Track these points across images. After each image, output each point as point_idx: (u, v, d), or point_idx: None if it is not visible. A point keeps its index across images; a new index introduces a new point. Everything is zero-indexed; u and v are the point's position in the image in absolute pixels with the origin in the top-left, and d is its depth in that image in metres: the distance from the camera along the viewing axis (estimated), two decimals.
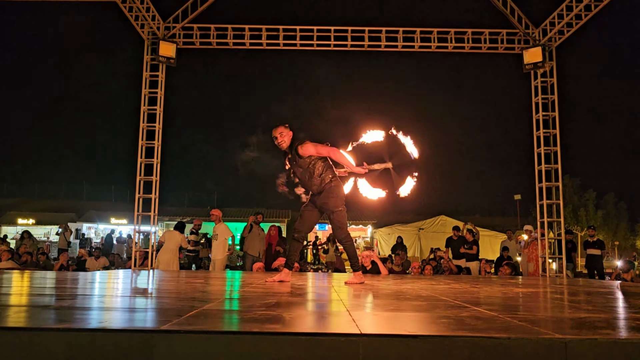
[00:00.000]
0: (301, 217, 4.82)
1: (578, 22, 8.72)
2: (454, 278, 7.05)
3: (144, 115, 8.85)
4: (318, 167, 4.60)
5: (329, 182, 4.61)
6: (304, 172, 4.63)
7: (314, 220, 4.84)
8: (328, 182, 4.61)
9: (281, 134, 4.65)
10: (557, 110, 8.91)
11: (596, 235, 11.63)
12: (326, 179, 4.60)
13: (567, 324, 2.22)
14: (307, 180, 4.66)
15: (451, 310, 2.58)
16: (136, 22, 8.83)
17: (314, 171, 4.59)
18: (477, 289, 4.43)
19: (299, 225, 4.81)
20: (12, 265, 8.53)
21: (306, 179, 4.65)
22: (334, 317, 2.36)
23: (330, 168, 4.68)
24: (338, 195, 4.65)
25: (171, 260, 8.73)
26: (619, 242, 36.15)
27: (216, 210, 9.16)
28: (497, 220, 26.97)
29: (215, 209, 9.22)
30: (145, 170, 8.76)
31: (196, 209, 28.15)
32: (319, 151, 4.60)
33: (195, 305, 2.64)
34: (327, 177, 4.61)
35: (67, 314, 2.20)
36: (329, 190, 4.60)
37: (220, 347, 1.71)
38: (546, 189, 8.84)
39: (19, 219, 25.49)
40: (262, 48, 9.30)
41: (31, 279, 5.04)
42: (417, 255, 19.24)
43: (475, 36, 9.23)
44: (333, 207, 4.62)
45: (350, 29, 9.21)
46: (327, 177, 4.61)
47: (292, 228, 5.01)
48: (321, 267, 13.62)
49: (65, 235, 16.30)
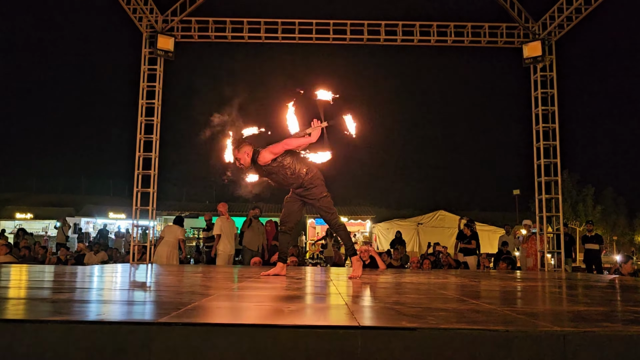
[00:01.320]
0: (285, 208, 4.79)
1: (578, 16, 8.69)
2: (453, 272, 7.06)
3: (142, 108, 8.82)
4: (288, 165, 4.53)
5: (305, 175, 4.57)
6: (277, 176, 4.60)
7: (297, 210, 4.80)
8: (304, 175, 4.57)
9: (238, 160, 4.58)
10: (557, 105, 8.90)
11: (594, 230, 11.66)
12: (301, 173, 4.56)
13: (566, 317, 2.22)
14: (284, 182, 4.63)
15: (450, 304, 2.58)
16: (134, 15, 8.78)
17: (286, 172, 4.54)
18: (476, 283, 4.43)
19: (284, 218, 4.80)
20: (11, 260, 8.52)
21: (282, 180, 4.62)
22: (332, 310, 2.36)
23: (299, 160, 4.60)
24: (318, 183, 4.62)
25: (171, 254, 8.74)
26: (617, 237, 36.24)
27: (220, 205, 9.21)
28: (496, 215, 27.02)
29: (221, 203, 9.28)
30: (144, 164, 8.74)
31: (195, 203, 28.14)
32: (276, 152, 4.52)
33: (193, 298, 2.64)
34: (302, 171, 4.56)
35: (65, 307, 2.20)
36: (308, 181, 4.58)
37: (218, 339, 1.71)
38: (545, 184, 8.83)
39: (16, 214, 25.47)
40: (261, 42, 9.26)
41: (29, 273, 5.03)
42: (415, 250, 19.25)
43: (475, 30, 9.20)
44: (318, 195, 4.60)
45: (349, 22, 9.17)
46: (302, 170, 4.56)
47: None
48: (320, 262, 13.64)
49: (63, 230, 16.29)
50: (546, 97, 8.99)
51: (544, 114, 8.97)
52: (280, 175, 4.58)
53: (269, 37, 9.20)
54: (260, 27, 9.17)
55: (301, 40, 9.18)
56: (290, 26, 9.15)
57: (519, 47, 9.07)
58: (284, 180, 4.61)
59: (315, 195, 4.60)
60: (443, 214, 21.25)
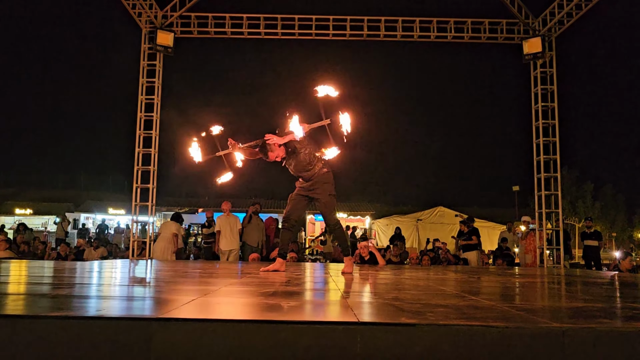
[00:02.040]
0: (290, 205, 4.82)
1: (578, 12, 8.67)
2: (452, 269, 7.07)
3: (141, 104, 8.81)
4: (303, 156, 4.61)
5: (320, 169, 4.65)
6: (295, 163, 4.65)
7: (302, 207, 4.86)
8: (319, 169, 4.64)
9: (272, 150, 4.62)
10: (557, 101, 8.89)
11: (593, 227, 11.67)
12: (317, 167, 4.63)
13: (565, 313, 2.22)
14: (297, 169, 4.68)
15: (449, 300, 2.58)
16: (133, 10, 8.75)
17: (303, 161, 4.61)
18: (475, 280, 4.44)
19: (288, 214, 4.82)
20: (10, 255, 8.53)
21: (298, 169, 4.67)
22: (332, 306, 2.36)
23: (315, 156, 4.66)
24: (330, 180, 4.70)
25: (166, 248, 8.83)
26: (616, 234, 36.30)
27: (223, 203, 9.43)
28: (496, 212, 26.99)
29: (224, 202, 9.49)
30: (143, 160, 8.74)
31: (194, 199, 28.12)
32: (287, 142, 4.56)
33: (192, 294, 2.64)
34: (318, 165, 4.64)
35: (65, 302, 2.20)
36: (322, 176, 4.65)
37: (218, 335, 1.71)
38: (544, 180, 8.84)
39: (16, 209, 25.47)
40: (260, 38, 9.24)
41: (29, 268, 5.04)
42: (415, 246, 19.28)
43: (475, 26, 9.19)
44: (327, 192, 4.68)
45: (349, 18, 9.15)
46: (318, 165, 4.64)
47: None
48: (319, 258, 13.66)
49: (62, 226, 16.30)
50: (546, 93, 8.97)
51: (543, 110, 8.96)
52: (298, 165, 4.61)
53: (269, 33, 9.18)
54: (259, 22, 9.15)
55: (301, 36, 9.16)
56: (289, 22, 9.13)
57: (519, 43, 9.05)
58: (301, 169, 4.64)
59: (325, 191, 4.67)
60: (442, 210, 21.26)
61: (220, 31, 9.16)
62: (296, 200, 4.79)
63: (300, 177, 4.76)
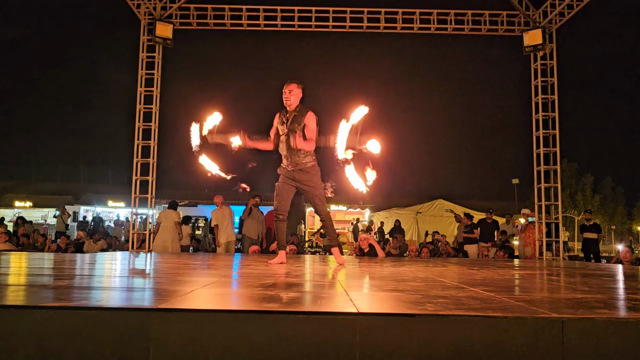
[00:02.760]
0: (279, 195, 4.77)
1: (579, 3, 8.62)
2: (452, 261, 7.09)
3: (140, 97, 8.78)
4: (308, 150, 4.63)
5: (311, 162, 4.66)
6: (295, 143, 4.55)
7: (290, 197, 4.84)
8: (310, 162, 4.66)
9: (290, 92, 4.57)
10: (557, 93, 8.86)
11: (593, 219, 11.68)
12: (309, 156, 4.63)
13: (564, 304, 2.23)
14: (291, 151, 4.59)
15: (448, 291, 2.59)
16: (132, 2, 8.71)
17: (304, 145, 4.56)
18: (474, 271, 4.45)
19: (280, 206, 4.77)
20: (10, 247, 8.54)
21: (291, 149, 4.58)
22: (331, 297, 2.37)
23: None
24: (319, 172, 4.75)
25: (171, 238, 8.83)
26: (615, 227, 36.39)
27: (215, 197, 9.48)
28: (495, 204, 27.01)
29: (216, 195, 9.51)
30: (143, 153, 8.72)
31: (194, 191, 28.12)
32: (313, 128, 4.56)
33: (192, 285, 2.65)
34: (311, 158, 4.65)
35: (65, 293, 2.20)
36: (313, 167, 4.67)
37: (217, 325, 1.71)
38: (544, 173, 8.83)
39: (16, 202, 25.48)
40: (260, 29, 9.20)
41: (29, 260, 5.04)
42: (414, 239, 19.32)
43: (475, 18, 9.14)
44: (317, 184, 4.72)
45: (349, 9, 9.10)
46: (311, 157, 4.65)
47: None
48: (319, 250, 13.68)
49: (62, 218, 16.32)
50: (546, 85, 8.95)
51: (543, 103, 8.94)
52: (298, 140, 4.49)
53: (268, 25, 9.14)
54: (259, 14, 9.10)
55: (300, 27, 9.12)
56: (289, 13, 9.09)
57: (519, 35, 9.00)
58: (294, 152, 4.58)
59: (315, 183, 4.70)
60: (442, 202, 21.28)
61: (220, 22, 9.11)
62: (284, 189, 4.75)
63: (288, 158, 4.66)
